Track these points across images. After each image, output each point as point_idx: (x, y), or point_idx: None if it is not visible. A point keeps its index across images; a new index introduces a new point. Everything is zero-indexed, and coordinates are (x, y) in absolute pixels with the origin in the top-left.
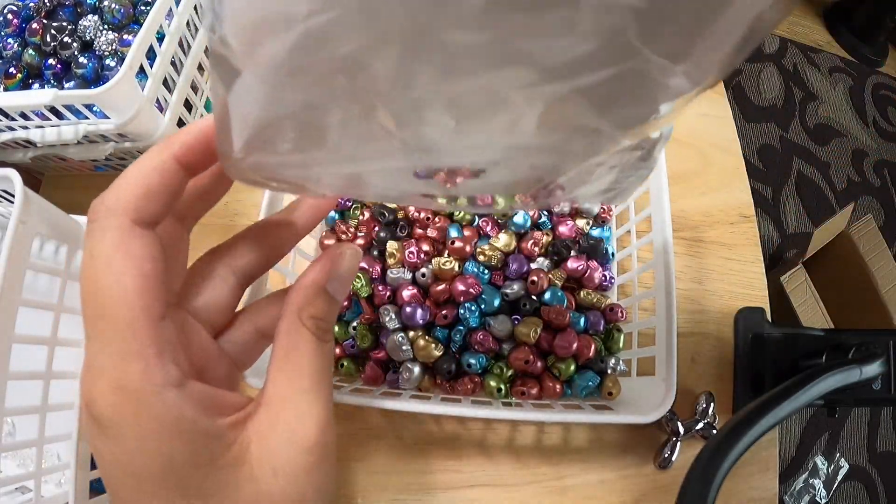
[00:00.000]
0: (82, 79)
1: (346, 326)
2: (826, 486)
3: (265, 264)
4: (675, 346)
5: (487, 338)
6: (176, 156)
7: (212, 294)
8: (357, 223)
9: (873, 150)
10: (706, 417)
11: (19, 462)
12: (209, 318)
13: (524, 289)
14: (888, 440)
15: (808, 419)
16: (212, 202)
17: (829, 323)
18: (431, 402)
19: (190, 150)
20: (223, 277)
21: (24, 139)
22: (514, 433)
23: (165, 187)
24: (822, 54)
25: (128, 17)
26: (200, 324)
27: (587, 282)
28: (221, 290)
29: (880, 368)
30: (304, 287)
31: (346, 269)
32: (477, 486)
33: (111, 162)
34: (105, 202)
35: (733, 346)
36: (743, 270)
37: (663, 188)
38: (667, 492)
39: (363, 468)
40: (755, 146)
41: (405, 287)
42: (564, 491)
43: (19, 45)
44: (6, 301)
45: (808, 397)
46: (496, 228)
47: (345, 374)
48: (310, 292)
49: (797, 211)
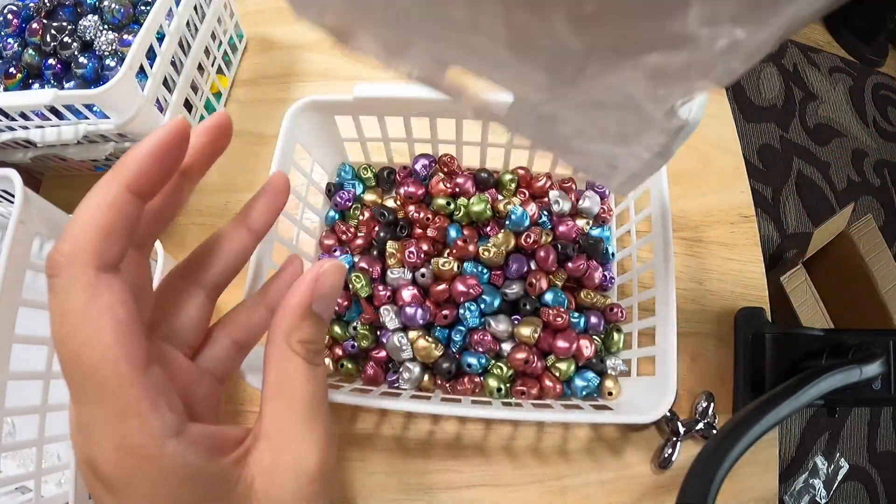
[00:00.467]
0: (82, 79)
1: (346, 326)
2: (826, 486)
3: (230, 272)
4: (675, 346)
5: (487, 338)
6: (128, 186)
7: (184, 315)
8: (357, 223)
9: (873, 150)
10: (706, 417)
11: (19, 462)
12: (185, 340)
13: (524, 289)
14: (888, 440)
15: (808, 419)
16: (168, 221)
17: (829, 323)
18: (431, 402)
19: (142, 176)
20: (192, 295)
21: (24, 139)
22: (514, 433)
23: (123, 223)
24: (822, 54)
25: (128, 17)
26: (177, 348)
27: (587, 282)
28: (192, 309)
29: (880, 368)
30: (289, 310)
31: (331, 285)
32: (477, 486)
33: (111, 162)
34: (63, 253)
35: (733, 346)
36: (743, 270)
37: (663, 188)
38: (667, 492)
39: (363, 468)
40: (755, 146)
41: (405, 287)
42: (564, 491)
43: (19, 45)
44: (6, 301)
45: (808, 397)
46: (496, 228)
47: (345, 374)
48: (296, 315)
49: (797, 211)
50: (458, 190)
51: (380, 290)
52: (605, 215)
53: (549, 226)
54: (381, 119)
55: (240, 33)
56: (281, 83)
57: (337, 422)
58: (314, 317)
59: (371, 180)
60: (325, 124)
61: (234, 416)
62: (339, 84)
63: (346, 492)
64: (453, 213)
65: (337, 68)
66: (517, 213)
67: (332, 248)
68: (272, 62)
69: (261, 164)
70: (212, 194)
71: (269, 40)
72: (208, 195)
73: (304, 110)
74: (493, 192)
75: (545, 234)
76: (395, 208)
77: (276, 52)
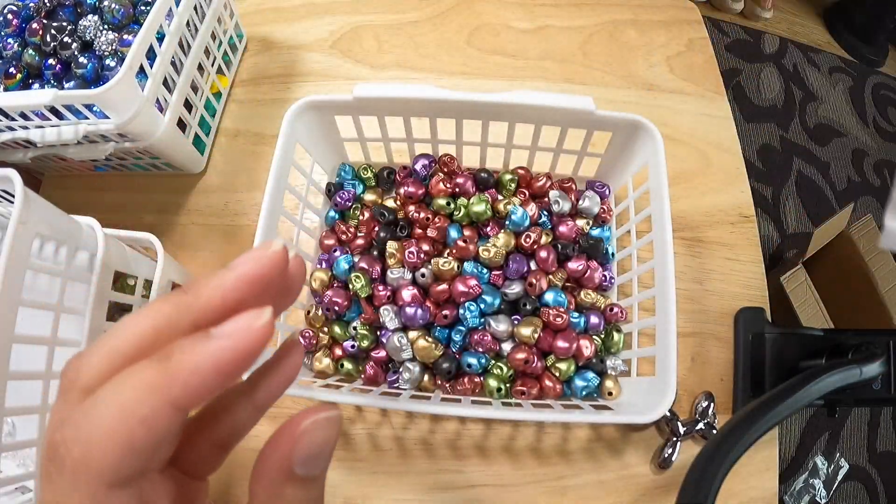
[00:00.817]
0: (82, 79)
1: (346, 326)
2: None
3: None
4: (674, 346)
5: (487, 338)
6: (174, 402)
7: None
8: (357, 223)
9: (873, 150)
10: (706, 417)
11: (19, 462)
12: (161, 460)
13: (524, 289)
14: (888, 440)
15: (808, 419)
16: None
17: (829, 323)
18: (431, 402)
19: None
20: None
21: (24, 139)
22: (514, 433)
23: (153, 442)
24: (822, 54)
25: (128, 17)
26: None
27: (587, 282)
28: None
29: (880, 368)
30: (266, 478)
31: (323, 441)
32: (477, 486)
33: (111, 162)
34: (72, 454)
35: (733, 346)
36: (743, 270)
37: (663, 188)
38: (667, 492)
39: (363, 468)
40: (755, 146)
41: (405, 287)
42: (564, 491)
43: (19, 45)
44: (6, 301)
45: (808, 397)
46: (496, 228)
47: (345, 374)
48: (275, 483)
49: (797, 211)
50: (458, 190)
51: (380, 290)
52: (605, 215)
53: (549, 226)
54: (381, 119)
55: (240, 33)
56: (281, 83)
57: None
58: (300, 480)
59: (371, 180)
60: (324, 124)
61: None
62: (339, 84)
63: (347, 492)
64: (453, 213)
65: (337, 68)
66: (517, 213)
67: (333, 247)
68: (272, 62)
69: (261, 164)
70: (212, 194)
71: (269, 40)
72: (208, 195)
73: (304, 110)
74: (493, 192)
75: (545, 235)
76: (395, 208)
77: (276, 52)
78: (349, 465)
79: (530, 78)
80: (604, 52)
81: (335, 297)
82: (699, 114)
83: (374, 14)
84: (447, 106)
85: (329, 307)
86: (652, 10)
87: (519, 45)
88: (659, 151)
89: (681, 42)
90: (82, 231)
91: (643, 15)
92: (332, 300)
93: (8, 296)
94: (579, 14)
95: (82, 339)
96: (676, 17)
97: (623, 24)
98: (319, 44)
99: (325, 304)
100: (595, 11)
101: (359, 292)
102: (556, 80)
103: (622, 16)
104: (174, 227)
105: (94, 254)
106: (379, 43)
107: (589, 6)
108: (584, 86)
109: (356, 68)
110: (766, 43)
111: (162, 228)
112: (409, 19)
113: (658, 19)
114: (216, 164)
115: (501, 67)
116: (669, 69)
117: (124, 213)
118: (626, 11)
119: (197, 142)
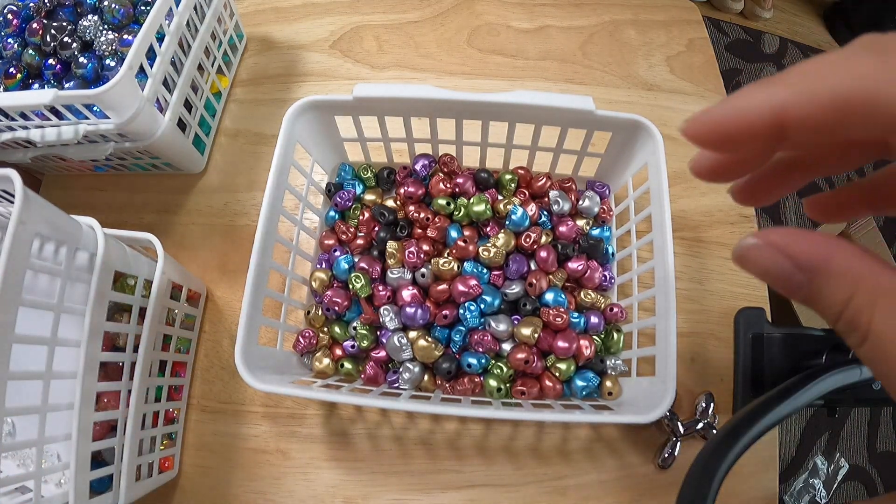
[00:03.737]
0: (82, 79)
1: (346, 326)
2: (826, 486)
3: None
4: (674, 346)
5: (487, 338)
6: None
7: None
8: (357, 223)
9: None
10: (706, 417)
11: (19, 462)
12: None
13: (524, 289)
14: (888, 440)
15: (808, 419)
16: None
17: None
18: (431, 402)
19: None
20: None
21: (24, 139)
22: (514, 433)
23: None
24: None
25: (128, 17)
26: None
27: (587, 282)
28: None
29: None
30: None
31: None
32: (477, 486)
33: (111, 162)
34: None
35: (733, 346)
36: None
37: (663, 188)
38: (667, 492)
39: (364, 468)
40: None
41: (405, 287)
42: (564, 491)
43: (19, 45)
44: (6, 301)
45: (808, 397)
46: (496, 228)
47: (345, 374)
48: None
49: (797, 211)
50: (458, 190)
51: (380, 290)
52: (605, 215)
53: (549, 226)
54: (381, 119)
55: (240, 33)
56: (281, 83)
57: (337, 422)
58: None
59: (371, 180)
60: (324, 124)
61: (235, 415)
62: (339, 84)
63: (347, 492)
64: (453, 213)
65: (337, 68)
66: (517, 213)
67: (333, 248)
68: (272, 62)
69: (261, 164)
70: (212, 194)
71: (269, 40)
72: (208, 195)
73: (303, 110)
74: (493, 192)
75: (545, 235)
76: (395, 208)
77: (276, 52)
78: (349, 465)
79: (530, 78)
80: (604, 52)
81: (335, 297)
82: None
83: (374, 14)
84: (447, 106)
85: (329, 307)
86: (652, 10)
87: (519, 45)
88: (659, 151)
89: (681, 42)
90: (82, 231)
91: (643, 15)
92: (332, 300)
93: (8, 296)
94: (579, 14)
95: (82, 339)
96: (676, 17)
97: (623, 24)
98: (319, 44)
99: (325, 304)
100: (595, 11)
101: (359, 292)
102: (556, 80)
103: (622, 16)
104: (174, 227)
105: (94, 254)
106: (379, 43)
107: (589, 6)
108: (584, 86)
109: (356, 68)
110: (766, 43)
111: (162, 228)
112: (409, 19)
113: (658, 19)
114: (216, 164)
115: (501, 67)
116: (669, 69)
117: (124, 213)
118: (626, 11)
119: (197, 142)
